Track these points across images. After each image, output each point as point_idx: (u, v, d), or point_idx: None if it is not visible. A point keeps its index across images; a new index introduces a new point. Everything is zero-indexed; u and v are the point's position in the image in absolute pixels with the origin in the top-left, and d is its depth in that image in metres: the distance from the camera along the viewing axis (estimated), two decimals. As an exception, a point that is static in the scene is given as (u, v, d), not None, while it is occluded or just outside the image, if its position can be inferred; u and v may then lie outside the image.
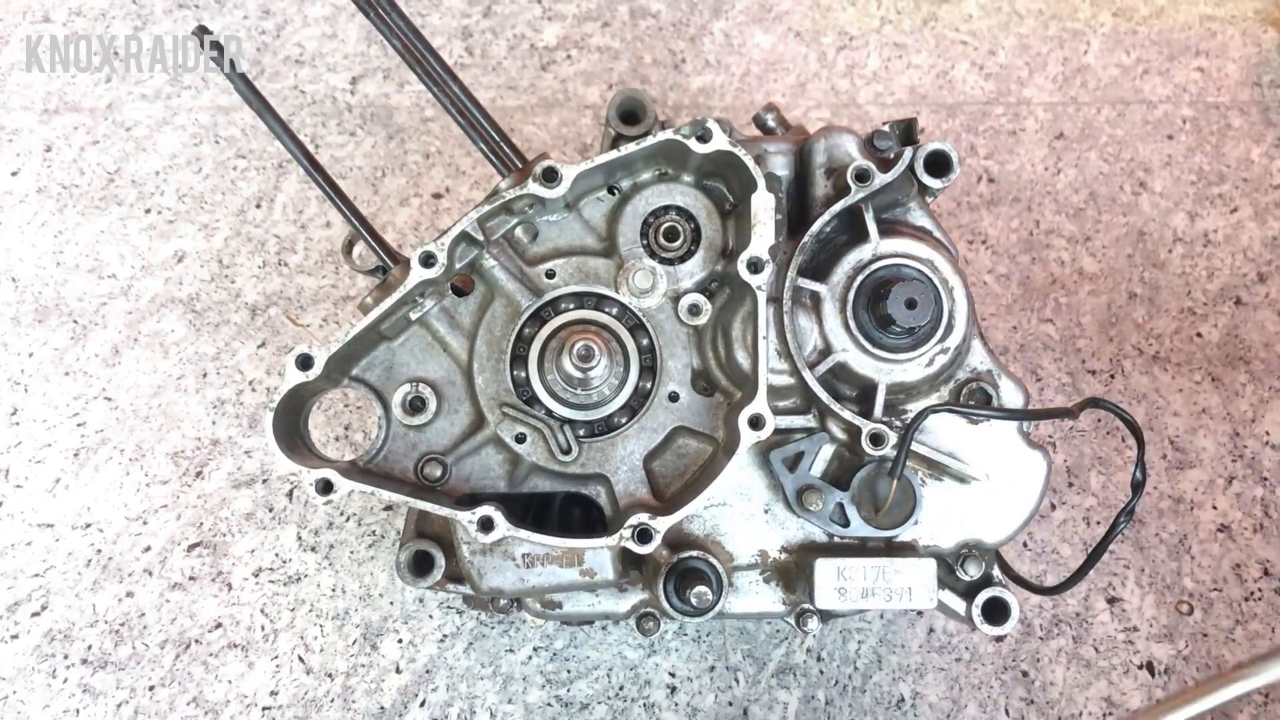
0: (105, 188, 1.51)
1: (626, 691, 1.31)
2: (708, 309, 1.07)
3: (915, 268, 1.06)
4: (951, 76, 1.65)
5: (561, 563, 1.06)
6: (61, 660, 1.30)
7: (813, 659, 1.33)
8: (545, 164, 1.02)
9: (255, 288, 1.47)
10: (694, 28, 1.65)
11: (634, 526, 0.99)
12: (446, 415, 1.08)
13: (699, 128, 1.02)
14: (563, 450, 1.05)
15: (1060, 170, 1.60)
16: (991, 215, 1.57)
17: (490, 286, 1.08)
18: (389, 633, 1.33)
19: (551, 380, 1.05)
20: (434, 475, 1.07)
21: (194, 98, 1.57)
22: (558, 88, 1.61)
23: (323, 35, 1.61)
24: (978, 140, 1.61)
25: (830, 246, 1.11)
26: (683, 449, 1.09)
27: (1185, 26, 1.71)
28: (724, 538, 1.11)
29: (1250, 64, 1.70)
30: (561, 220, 1.10)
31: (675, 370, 1.08)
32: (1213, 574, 1.41)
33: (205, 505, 1.37)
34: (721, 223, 1.10)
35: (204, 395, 1.42)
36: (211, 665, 1.31)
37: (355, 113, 1.57)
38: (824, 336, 1.07)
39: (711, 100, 1.61)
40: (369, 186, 1.52)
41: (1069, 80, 1.66)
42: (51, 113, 1.55)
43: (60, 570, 1.34)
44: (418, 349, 1.08)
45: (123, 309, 1.45)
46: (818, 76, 1.64)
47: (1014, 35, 1.68)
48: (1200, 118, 1.65)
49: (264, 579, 1.34)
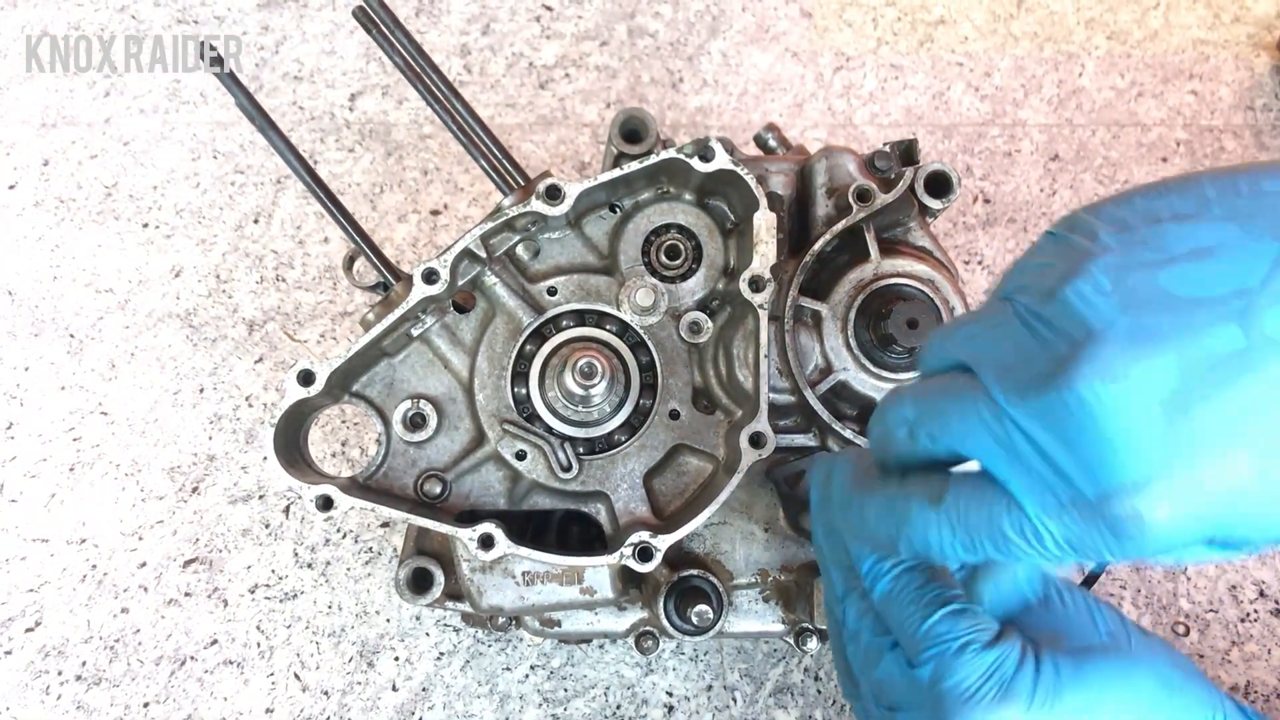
0: (103, 202, 1.51)
1: (624, 710, 1.30)
2: (709, 327, 1.08)
3: (916, 287, 1.07)
4: (947, 98, 1.66)
5: (561, 581, 1.06)
6: (55, 676, 1.29)
7: (810, 679, 1.33)
8: (548, 182, 1.02)
9: (253, 303, 1.46)
10: (692, 47, 1.66)
11: (635, 544, 0.99)
12: (447, 432, 1.08)
13: (701, 147, 1.03)
14: (563, 467, 1.05)
15: (1056, 191, 1.61)
16: (987, 236, 1.58)
17: (492, 303, 1.09)
18: (385, 650, 1.32)
19: (552, 397, 1.05)
20: (434, 492, 1.07)
21: (192, 112, 1.57)
22: (556, 106, 1.61)
23: (321, 51, 1.61)
24: (973, 161, 1.62)
25: (831, 266, 1.11)
26: (683, 467, 1.09)
27: (1179, 50, 1.72)
28: (724, 556, 1.11)
29: (1243, 88, 1.71)
30: (563, 238, 1.10)
31: (676, 388, 1.08)
32: (1209, 595, 1.41)
33: (201, 521, 1.36)
34: (723, 241, 1.10)
35: (200, 410, 1.41)
36: (207, 682, 1.30)
37: (354, 129, 1.57)
38: (825, 355, 1.08)
39: (709, 119, 1.62)
40: (367, 203, 1.52)
41: (1064, 102, 1.67)
42: (49, 126, 1.54)
43: (55, 585, 1.33)
44: (418, 365, 1.09)
45: (120, 323, 1.44)
46: (815, 97, 1.64)
47: (1009, 57, 1.70)
48: (1194, 140, 1.66)
49: (260, 595, 1.34)
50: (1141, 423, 0.56)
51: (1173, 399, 0.56)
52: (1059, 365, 0.58)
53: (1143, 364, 0.56)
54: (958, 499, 0.67)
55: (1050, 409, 0.58)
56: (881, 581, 0.83)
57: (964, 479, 0.67)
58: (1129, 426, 0.56)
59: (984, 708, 0.76)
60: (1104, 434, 0.56)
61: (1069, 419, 0.57)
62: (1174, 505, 0.56)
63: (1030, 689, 0.76)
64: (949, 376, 0.69)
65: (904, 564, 0.83)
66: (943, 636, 0.78)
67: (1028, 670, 0.77)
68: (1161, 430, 0.56)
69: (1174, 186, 0.63)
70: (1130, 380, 0.56)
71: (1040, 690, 0.76)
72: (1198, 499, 0.56)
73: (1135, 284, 0.59)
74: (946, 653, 0.78)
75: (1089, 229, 0.62)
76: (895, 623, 0.82)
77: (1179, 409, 0.56)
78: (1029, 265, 0.65)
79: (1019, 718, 0.75)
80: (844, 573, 0.89)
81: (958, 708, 0.76)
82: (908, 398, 0.72)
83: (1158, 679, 0.82)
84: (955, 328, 0.70)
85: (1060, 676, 0.77)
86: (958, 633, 0.78)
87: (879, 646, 0.84)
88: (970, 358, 0.66)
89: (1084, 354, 0.57)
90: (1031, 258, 0.66)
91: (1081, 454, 0.58)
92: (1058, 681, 0.77)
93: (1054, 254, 0.63)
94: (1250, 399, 0.56)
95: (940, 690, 0.77)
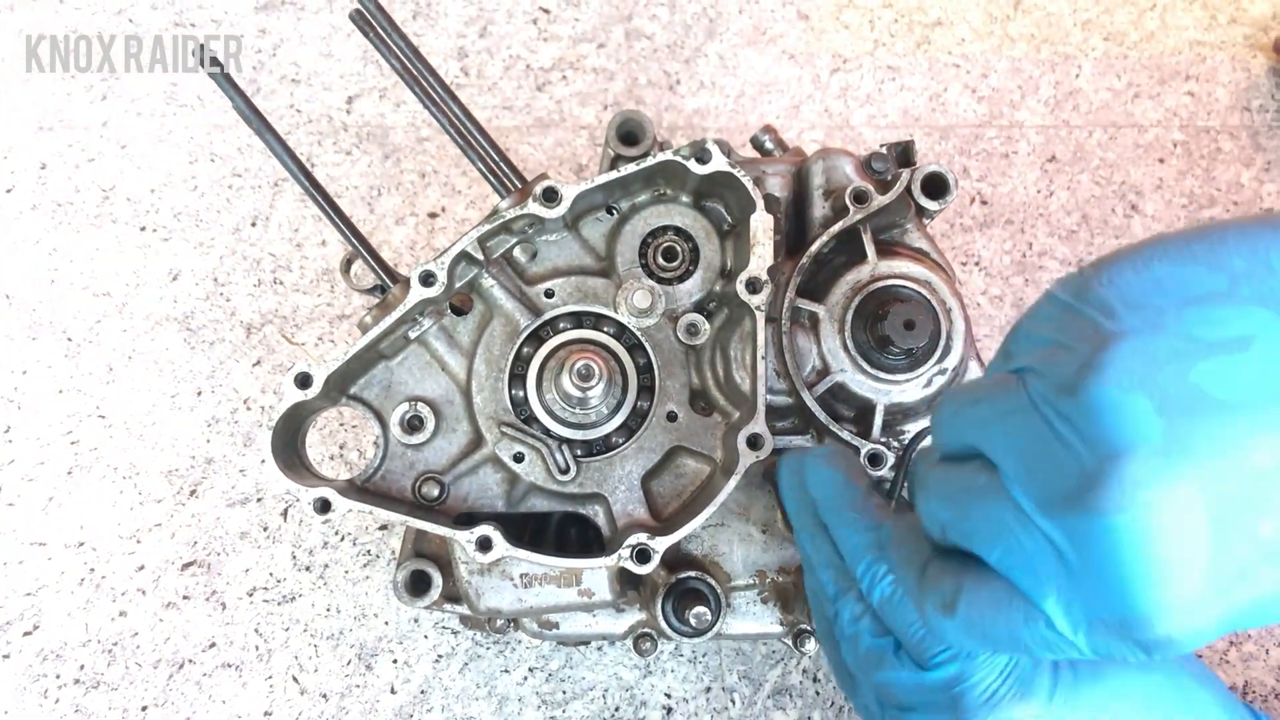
0: (100, 205, 1.51)
1: (622, 713, 1.30)
2: (706, 329, 1.08)
3: (913, 289, 1.07)
4: (944, 99, 1.66)
5: (559, 583, 1.05)
6: (54, 680, 1.29)
7: (809, 680, 1.33)
8: (546, 184, 1.02)
9: (250, 306, 1.46)
10: (689, 50, 1.66)
11: (632, 546, 0.99)
12: (444, 434, 1.08)
13: (698, 149, 1.03)
14: (561, 469, 1.05)
15: (1053, 193, 1.61)
16: (984, 237, 1.58)
17: (489, 306, 1.09)
18: (384, 653, 1.32)
19: (550, 399, 1.05)
20: (432, 495, 1.07)
21: (189, 115, 1.57)
22: (553, 108, 1.61)
23: (319, 55, 1.61)
24: (970, 163, 1.62)
25: (829, 267, 1.11)
26: (681, 469, 1.09)
27: (1175, 51, 1.73)
28: (722, 558, 1.11)
29: (1240, 89, 1.71)
30: (560, 240, 1.10)
31: (673, 390, 1.08)
32: (1206, 595, 1.41)
33: (199, 524, 1.36)
34: (720, 243, 1.10)
35: (198, 413, 1.41)
36: (205, 685, 1.30)
37: (351, 132, 1.57)
38: (822, 357, 1.08)
39: (706, 121, 1.62)
40: (365, 206, 1.53)
41: (1061, 103, 1.67)
42: (46, 130, 1.54)
43: (53, 589, 1.33)
44: (416, 368, 1.09)
45: (117, 326, 1.44)
46: (811, 99, 1.65)
47: (1006, 59, 1.70)
48: (1191, 141, 1.66)
49: (258, 598, 1.34)
50: (1176, 555, 0.53)
51: (1209, 528, 0.53)
52: (1089, 483, 0.54)
53: (1178, 493, 0.52)
54: (971, 608, 0.65)
55: (1079, 530, 0.55)
56: (880, 585, 0.82)
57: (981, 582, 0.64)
58: (1162, 558, 0.53)
59: (1004, 706, 0.76)
60: (1135, 565, 0.53)
61: (1098, 543, 0.54)
62: (1203, 625, 0.55)
63: (1050, 686, 0.77)
64: (973, 469, 0.65)
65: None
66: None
67: (1045, 668, 0.77)
68: (1199, 559, 0.53)
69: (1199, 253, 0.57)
70: (1165, 511, 0.52)
71: (1060, 687, 0.77)
72: (1229, 614, 0.55)
73: (1165, 383, 0.54)
74: (961, 655, 0.78)
75: (1105, 305, 0.57)
76: (899, 626, 0.81)
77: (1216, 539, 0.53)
78: (1037, 337, 0.61)
79: (1039, 715, 0.76)
80: (836, 573, 0.89)
81: (978, 708, 0.76)
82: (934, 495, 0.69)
83: (1173, 679, 0.82)
84: (966, 404, 0.66)
85: (1078, 674, 0.78)
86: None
87: (880, 649, 0.84)
88: (989, 450, 0.63)
89: (1115, 477, 0.53)
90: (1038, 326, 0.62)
91: (1110, 580, 0.55)
92: (1075, 679, 0.77)
93: (1066, 330, 0.59)
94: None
95: (958, 692, 0.77)
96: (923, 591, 0.70)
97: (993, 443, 0.62)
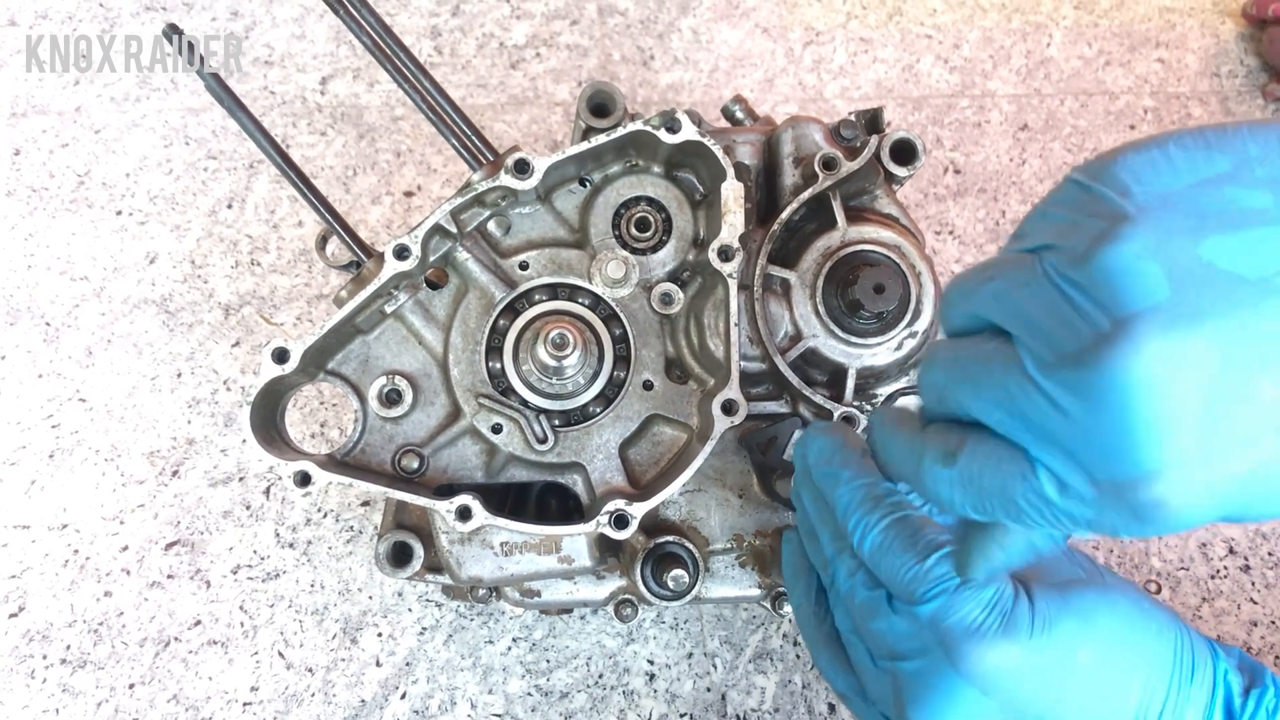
0: (75, 190, 1.51)
1: (606, 679, 1.32)
2: (680, 298, 1.09)
3: (882, 253, 1.08)
4: (917, 70, 1.67)
5: (539, 550, 1.07)
6: (40, 660, 1.30)
7: (789, 644, 1.34)
8: (517, 156, 1.03)
9: (228, 288, 1.47)
10: (662, 25, 1.67)
11: (610, 513, 1.00)
12: (423, 407, 1.09)
13: (668, 119, 1.04)
14: (539, 440, 1.07)
15: (1025, 161, 1.63)
16: (958, 206, 1.59)
17: (464, 279, 1.09)
18: (368, 626, 1.33)
19: (526, 370, 1.06)
20: (411, 467, 1.08)
21: (163, 99, 1.57)
22: (527, 85, 1.62)
23: (291, 36, 1.61)
24: (943, 132, 1.63)
25: (799, 234, 1.12)
26: (658, 436, 1.10)
27: (1145, 19, 1.74)
28: (699, 522, 1.13)
29: (1209, 55, 1.73)
30: (534, 213, 1.11)
31: (649, 359, 1.09)
32: (1179, 553, 1.43)
33: (182, 504, 1.37)
34: (692, 213, 1.11)
35: (179, 395, 1.42)
36: (191, 662, 1.31)
37: (325, 112, 1.57)
38: (794, 323, 1.09)
39: (680, 96, 1.63)
40: (340, 186, 1.53)
41: (1032, 72, 1.68)
42: (19, 116, 1.54)
43: (37, 571, 1.34)
44: (393, 342, 1.09)
45: (95, 310, 1.45)
46: (785, 72, 1.65)
47: (978, 29, 1.71)
48: (1161, 108, 1.68)
49: (242, 576, 1.35)
50: (1181, 410, 0.54)
51: (1213, 385, 0.54)
52: (1099, 342, 0.56)
53: (1187, 349, 0.54)
54: (971, 461, 0.66)
55: (1088, 386, 0.57)
56: (871, 534, 0.85)
57: (982, 439, 0.66)
58: (1168, 413, 0.54)
59: (990, 638, 0.79)
60: (1141, 418, 0.55)
61: (1106, 399, 0.56)
62: (1201, 490, 0.56)
63: (1029, 619, 0.80)
64: (980, 339, 0.67)
65: (892, 515, 0.85)
66: (943, 577, 0.81)
67: (1023, 603, 0.81)
68: (1200, 418, 0.54)
69: (1213, 139, 0.59)
70: (1173, 366, 0.54)
71: (1038, 620, 0.80)
72: (1225, 484, 0.56)
73: (1175, 254, 0.56)
74: (948, 590, 0.81)
75: (1120, 184, 0.59)
76: (889, 572, 0.84)
77: (1219, 397, 0.54)
78: (1053, 215, 0.63)
79: (1023, 645, 0.79)
80: (833, 535, 0.91)
81: (965, 640, 0.79)
82: (939, 364, 0.71)
83: (1135, 605, 0.85)
84: (978, 282, 0.67)
85: (1051, 607, 0.81)
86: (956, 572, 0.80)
87: (874, 600, 0.86)
88: (1003, 319, 0.64)
89: (1126, 334, 0.55)
90: (1055, 207, 0.63)
91: (1114, 435, 0.56)
92: (1049, 612, 0.80)
93: (1081, 207, 0.61)
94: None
95: (946, 626, 0.80)
96: (925, 444, 0.72)
97: (1007, 313, 0.64)
